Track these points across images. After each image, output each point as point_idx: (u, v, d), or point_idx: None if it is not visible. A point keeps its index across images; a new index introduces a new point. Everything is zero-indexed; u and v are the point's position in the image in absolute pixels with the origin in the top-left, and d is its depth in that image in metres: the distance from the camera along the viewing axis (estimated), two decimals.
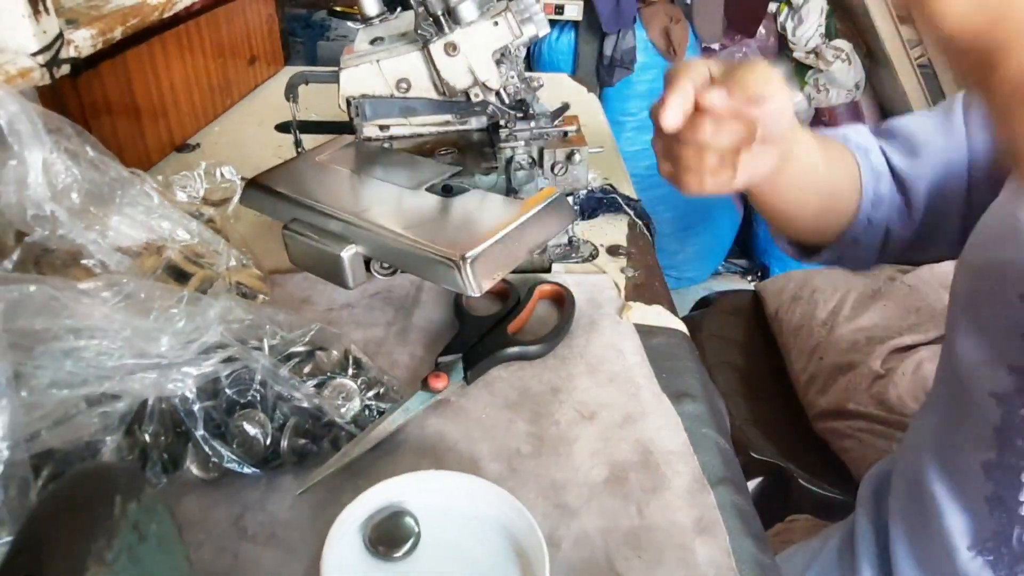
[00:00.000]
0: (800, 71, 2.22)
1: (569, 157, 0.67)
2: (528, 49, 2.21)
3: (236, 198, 0.75)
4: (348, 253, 0.58)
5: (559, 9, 2.01)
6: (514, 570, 0.41)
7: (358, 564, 0.40)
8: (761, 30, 2.20)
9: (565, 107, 0.70)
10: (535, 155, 0.68)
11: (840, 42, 2.13)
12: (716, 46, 2.20)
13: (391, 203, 0.61)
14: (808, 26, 2.13)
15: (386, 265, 0.64)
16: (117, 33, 0.63)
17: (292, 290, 0.65)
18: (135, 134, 0.86)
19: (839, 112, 2.28)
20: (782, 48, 2.22)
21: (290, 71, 1.16)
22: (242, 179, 0.73)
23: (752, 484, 1.14)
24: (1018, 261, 0.48)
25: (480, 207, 0.59)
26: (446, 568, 0.41)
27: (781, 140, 0.47)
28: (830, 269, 1.49)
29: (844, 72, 2.13)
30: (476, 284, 0.51)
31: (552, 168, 0.68)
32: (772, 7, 2.20)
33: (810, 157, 0.55)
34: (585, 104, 1.15)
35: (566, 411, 0.52)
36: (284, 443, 0.45)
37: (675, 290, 2.39)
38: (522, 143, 0.68)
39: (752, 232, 2.50)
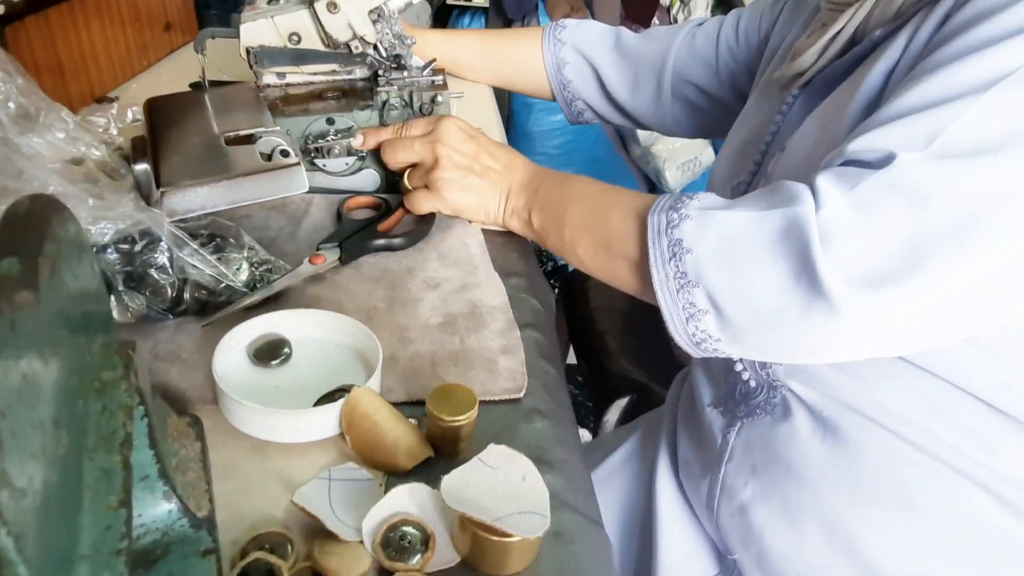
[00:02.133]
0: None
1: (433, 100, 0.82)
2: None
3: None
4: None
5: None
6: (360, 375, 0.55)
7: (242, 371, 0.54)
8: (655, 20, 2.41)
9: (433, 60, 0.85)
10: (407, 98, 0.83)
11: None
12: None
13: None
14: (696, 16, 2.34)
15: None
16: None
17: None
18: (59, 86, 0.96)
19: None
20: None
21: None
22: None
23: (624, 401, 1.32)
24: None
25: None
26: (309, 373, 0.55)
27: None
28: None
29: None
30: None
31: (420, 109, 0.83)
32: (664, 0, 2.41)
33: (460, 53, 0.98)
34: None
35: (416, 282, 0.67)
36: (187, 295, 0.59)
37: None
38: (396, 87, 0.82)
39: None
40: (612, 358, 1.38)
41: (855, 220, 0.44)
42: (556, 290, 1.88)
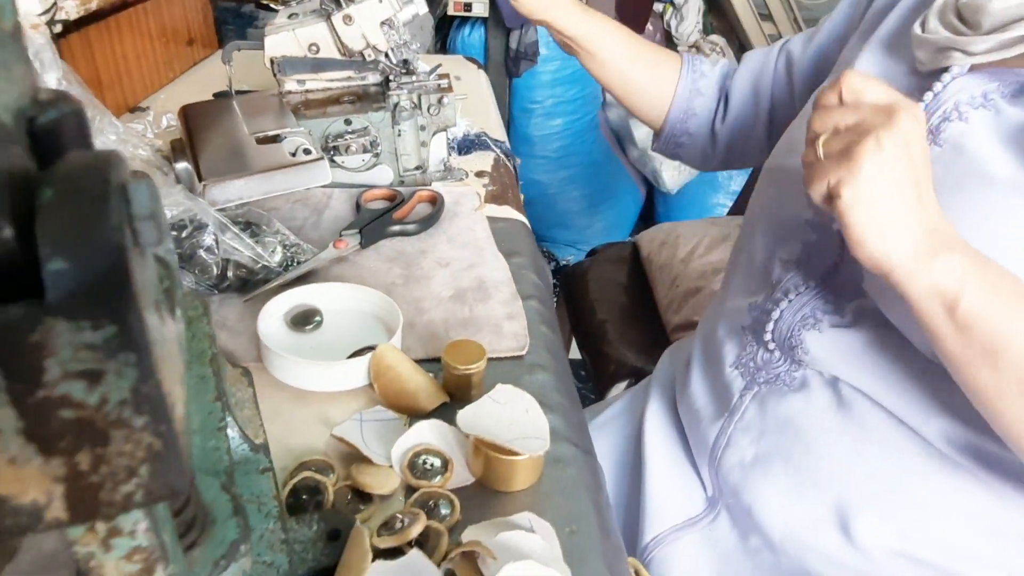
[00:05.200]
0: None
1: (440, 101, 0.91)
2: (443, 42, 2.45)
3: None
4: None
5: (468, 7, 2.25)
6: (384, 336, 0.63)
7: (281, 335, 0.63)
8: (649, 27, 2.50)
9: (438, 66, 0.94)
10: (416, 100, 0.91)
11: (715, 37, 2.45)
12: None
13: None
14: (688, 23, 2.43)
15: None
16: (94, 4, 0.83)
17: None
18: (98, 97, 1.04)
19: None
20: (668, 43, 2.52)
21: None
22: None
23: (623, 384, 1.40)
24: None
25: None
26: (339, 336, 0.63)
27: None
28: (693, 221, 1.77)
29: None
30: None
31: (428, 109, 0.91)
32: (658, 7, 2.50)
33: (605, 44, 0.83)
34: (473, 77, 1.39)
35: (429, 262, 0.75)
36: (230, 273, 0.67)
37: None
38: (405, 91, 0.91)
39: (654, 210, 2.79)
40: (612, 345, 1.46)
41: None
42: (556, 287, 1.95)
